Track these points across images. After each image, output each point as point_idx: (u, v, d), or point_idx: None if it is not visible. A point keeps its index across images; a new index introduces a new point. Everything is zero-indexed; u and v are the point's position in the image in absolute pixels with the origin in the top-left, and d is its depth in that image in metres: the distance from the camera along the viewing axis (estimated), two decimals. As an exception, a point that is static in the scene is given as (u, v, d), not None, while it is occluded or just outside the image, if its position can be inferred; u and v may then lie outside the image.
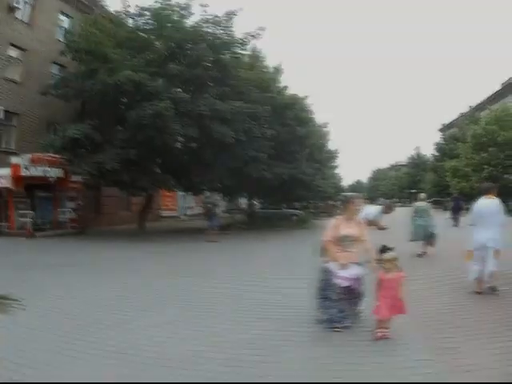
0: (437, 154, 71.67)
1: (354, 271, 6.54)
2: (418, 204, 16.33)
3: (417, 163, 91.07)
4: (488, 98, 68.96)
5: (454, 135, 65.13)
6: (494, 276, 9.19)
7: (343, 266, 6.46)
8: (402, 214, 16.95)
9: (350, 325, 6.57)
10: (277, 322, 7.24)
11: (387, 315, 6.24)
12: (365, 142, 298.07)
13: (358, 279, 6.65)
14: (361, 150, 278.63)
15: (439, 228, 16.62)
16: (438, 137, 79.78)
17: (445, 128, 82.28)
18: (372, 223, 11.28)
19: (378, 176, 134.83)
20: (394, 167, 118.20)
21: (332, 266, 6.57)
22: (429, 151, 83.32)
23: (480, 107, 66.98)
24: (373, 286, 6.39)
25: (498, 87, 68.26)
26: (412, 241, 15.62)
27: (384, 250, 8.24)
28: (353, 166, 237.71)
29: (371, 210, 12.65)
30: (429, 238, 15.36)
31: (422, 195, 17.16)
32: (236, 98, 23.39)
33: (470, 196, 9.81)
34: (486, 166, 41.76)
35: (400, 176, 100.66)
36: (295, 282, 10.16)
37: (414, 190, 23.06)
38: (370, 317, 6.48)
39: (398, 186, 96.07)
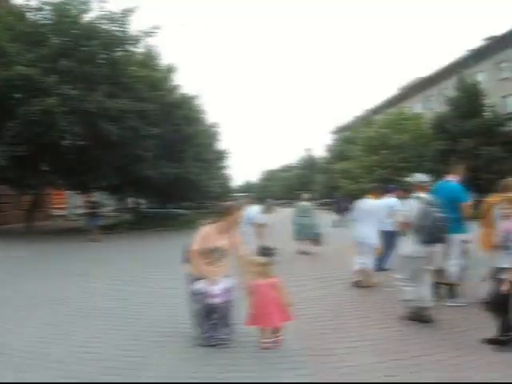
0: (328, 155, 75.23)
1: (223, 285, 6.37)
2: (302, 204, 17.65)
3: (308, 164, 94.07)
4: (384, 102, 73.24)
5: (346, 137, 68.37)
6: (366, 271, 10.46)
7: (212, 282, 6.29)
8: (288, 214, 18.19)
9: (224, 336, 6.45)
10: (148, 327, 7.48)
11: (264, 323, 6.35)
12: (258, 143, 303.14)
13: (228, 292, 6.43)
14: (253, 150, 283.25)
15: (325, 228, 18.07)
16: (330, 139, 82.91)
17: (338, 130, 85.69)
18: (254, 223, 12.95)
19: (269, 177, 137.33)
20: (286, 168, 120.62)
21: (200, 281, 6.35)
22: (320, 153, 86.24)
23: (375, 111, 71.10)
24: (247, 296, 6.48)
25: (394, 92, 72.55)
26: (296, 240, 17.06)
27: (265, 250, 9.66)
28: (245, 166, 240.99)
29: (253, 210, 14.37)
30: (313, 237, 16.66)
31: (306, 195, 18.39)
32: (126, 95, 24.35)
33: (359, 197, 11.17)
34: (377, 168, 44.22)
35: (291, 177, 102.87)
36: (172, 283, 10.13)
37: (301, 191, 24.74)
38: (245, 326, 6.55)
39: (289, 186, 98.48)
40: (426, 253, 7.50)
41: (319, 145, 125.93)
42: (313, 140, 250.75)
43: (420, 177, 8.29)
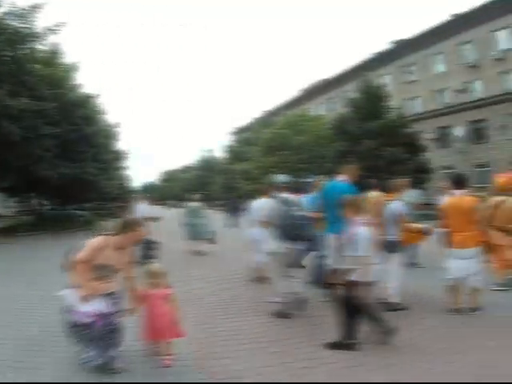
0: (227, 156, 76.38)
1: (98, 307, 5.74)
2: (192, 204, 18.72)
3: (207, 165, 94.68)
4: (285, 103, 74.91)
5: (246, 139, 69.78)
6: (263, 269, 11.19)
7: (85, 298, 5.70)
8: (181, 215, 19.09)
9: (98, 357, 5.81)
10: (39, 331, 7.51)
11: (154, 337, 6.19)
12: (157, 143, 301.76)
13: (106, 314, 5.79)
14: (153, 151, 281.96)
15: (218, 228, 19.02)
16: (229, 140, 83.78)
17: (238, 131, 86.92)
18: (147, 218, 13.80)
19: (169, 178, 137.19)
20: (185, 169, 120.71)
21: (72, 295, 5.81)
22: (220, 154, 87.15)
23: (276, 112, 72.62)
24: (135, 309, 6.26)
25: (296, 93, 74.26)
26: (189, 240, 17.97)
27: (149, 244, 9.98)
28: (145, 167, 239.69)
29: (144, 206, 15.51)
30: (206, 237, 17.73)
31: (195, 196, 19.64)
32: (27, 94, 24.23)
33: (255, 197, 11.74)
34: (275, 169, 44.46)
35: (190, 178, 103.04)
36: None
37: (198, 192, 25.71)
38: (137, 343, 6.46)
39: (188, 187, 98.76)
40: (287, 249, 8.20)
41: (219, 145, 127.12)
42: (212, 141, 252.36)
43: (281, 178, 9.25)
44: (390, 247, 8.72)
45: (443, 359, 6.27)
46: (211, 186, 79.62)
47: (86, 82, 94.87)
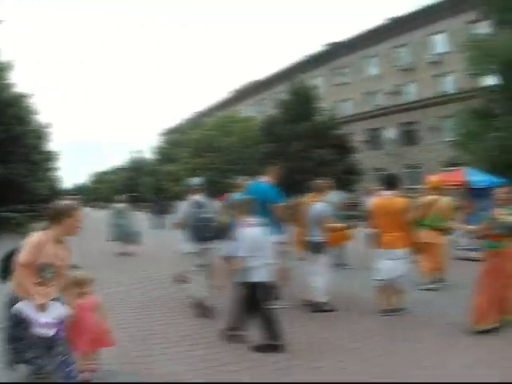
0: (156, 158, 77.13)
1: (55, 313, 5.13)
2: (117, 206, 19.25)
3: (137, 167, 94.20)
4: (216, 104, 75.26)
5: (175, 140, 70.12)
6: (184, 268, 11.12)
7: (42, 308, 4.99)
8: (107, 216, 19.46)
9: (52, 372, 5.11)
10: None
11: (88, 348, 5.68)
12: (88, 144, 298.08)
13: (60, 322, 5.19)
14: (84, 152, 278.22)
15: (143, 229, 19.45)
16: (159, 141, 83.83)
17: (167, 132, 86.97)
18: None
19: (99, 179, 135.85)
20: (114, 170, 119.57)
21: (26, 307, 5.01)
22: (149, 155, 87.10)
23: (207, 113, 73.27)
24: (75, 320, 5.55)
25: (227, 94, 74.54)
26: (112, 240, 18.29)
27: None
28: (75, 168, 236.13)
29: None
30: (130, 237, 18.09)
31: (121, 197, 20.30)
32: None
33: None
34: (202, 171, 44.01)
35: (119, 179, 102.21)
36: None
37: (127, 193, 26.06)
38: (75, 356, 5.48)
39: (117, 189, 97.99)
40: (198, 249, 8.59)
41: (148, 147, 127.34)
42: (142, 142, 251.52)
43: (194, 180, 9.53)
44: (315, 248, 9.06)
45: (374, 361, 6.35)
46: (141, 187, 79.38)
47: (19, 80, 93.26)
